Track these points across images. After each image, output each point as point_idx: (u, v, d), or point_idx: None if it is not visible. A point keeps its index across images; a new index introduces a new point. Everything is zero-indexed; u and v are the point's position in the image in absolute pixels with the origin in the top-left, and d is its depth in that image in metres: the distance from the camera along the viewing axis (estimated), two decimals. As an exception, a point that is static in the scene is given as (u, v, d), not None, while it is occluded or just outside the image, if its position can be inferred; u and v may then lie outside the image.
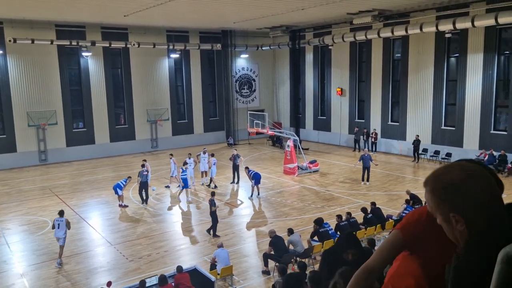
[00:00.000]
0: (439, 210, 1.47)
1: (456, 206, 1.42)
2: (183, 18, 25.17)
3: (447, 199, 1.43)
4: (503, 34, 21.52)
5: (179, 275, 9.86)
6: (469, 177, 1.42)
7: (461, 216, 1.41)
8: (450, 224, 1.45)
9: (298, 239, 12.16)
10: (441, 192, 1.44)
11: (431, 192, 1.48)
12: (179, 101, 31.62)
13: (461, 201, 1.41)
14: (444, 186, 1.44)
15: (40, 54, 25.61)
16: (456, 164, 1.49)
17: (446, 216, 1.45)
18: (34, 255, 13.09)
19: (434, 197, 1.47)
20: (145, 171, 18.06)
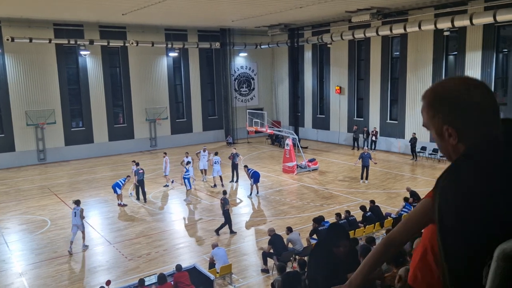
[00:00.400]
0: (432, 123, 1.42)
1: (449, 118, 1.37)
2: (181, 16, 25.13)
3: (441, 110, 1.38)
4: (501, 31, 21.53)
5: (179, 273, 9.86)
6: (467, 89, 1.36)
7: (454, 128, 1.36)
8: (443, 138, 1.40)
9: (297, 238, 12.17)
10: (437, 103, 1.40)
11: (427, 104, 1.43)
12: (178, 100, 31.59)
13: (456, 113, 1.35)
14: (440, 97, 1.39)
15: (38, 53, 25.55)
16: (457, 77, 1.43)
17: (439, 129, 1.40)
18: (33, 254, 13.08)
19: (430, 109, 1.42)
20: (140, 169, 18.16)
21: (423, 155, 24.45)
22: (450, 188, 1.29)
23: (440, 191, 1.31)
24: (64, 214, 16.75)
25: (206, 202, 17.96)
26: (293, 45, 30.81)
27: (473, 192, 1.23)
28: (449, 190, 1.29)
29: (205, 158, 21.12)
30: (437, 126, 1.40)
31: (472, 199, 1.22)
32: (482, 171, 1.25)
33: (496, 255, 1.13)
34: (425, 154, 24.34)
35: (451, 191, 1.29)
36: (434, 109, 1.40)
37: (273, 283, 9.29)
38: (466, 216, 1.22)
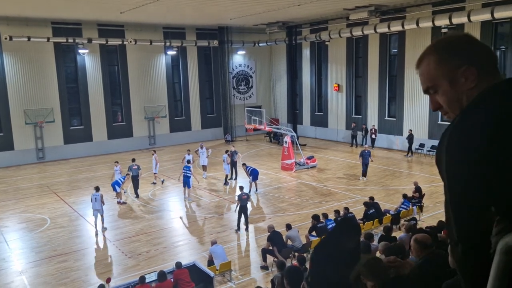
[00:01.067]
0: (445, 71, 1.31)
1: (468, 56, 1.27)
2: (179, 14, 25.12)
3: (457, 53, 1.29)
4: (499, 28, 21.57)
5: (178, 271, 9.90)
6: (471, 36, 1.34)
7: (476, 68, 1.25)
8: (456, 85, 1.29)
9: (296, 235, 12.23)
10: (450, 48, 1.30)
11: (436, 52, 1.33)
12: (176, 98, 31.60)
13: (474, 52, 1.28)
14: (451, 41, 1.31)
15: (37, 51, 25.52)
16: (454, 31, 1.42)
17: (452, 75, 1.29)
18: (33, 253, 13.12)
19: (441, 57, 1.32)
20: (134, 165, 18.43)
21: (421, 152, 24.52)
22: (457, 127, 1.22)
23: (449, 132, 1.24)
24: (64, 212, 16.79)
25: (206, 200, 18.00)
26: (291, 42, 30.82)
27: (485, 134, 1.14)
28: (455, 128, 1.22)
29: (204, 155, 21.40)
30: (450, 70, 1.29)
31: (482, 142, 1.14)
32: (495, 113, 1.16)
33: (499, 248, 1.11)
34: (423, 151, 24.41)
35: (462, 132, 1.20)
36: (451, 52, 1.30)
37: (272, 280, 9.34)
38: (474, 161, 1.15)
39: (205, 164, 21.40)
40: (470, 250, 1.22)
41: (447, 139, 1.22)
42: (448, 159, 1.21)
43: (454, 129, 1.22)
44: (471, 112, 1.21)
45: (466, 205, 1.20)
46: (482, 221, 1.19)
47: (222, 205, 17.34)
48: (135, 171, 18.38)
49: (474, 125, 1.17)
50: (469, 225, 1.22)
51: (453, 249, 1.28)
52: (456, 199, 1.23)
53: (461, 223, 1.23)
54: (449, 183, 1.22)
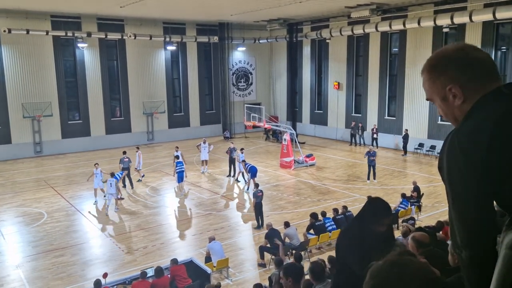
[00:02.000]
0: (435, 88, 1.40)
1: (454, 76, 1.36)
2: (179, 10, 25.00)
3: (444, 71, 1.38)
4: (500, 29, 21.53)
5: (175, 267, 9.85)
6: (467, 48, 1.39)
7: (459, 86, 1.34)
8: (447, 102, 1.38)
9: (294, 232, 12.18)
10: (440, 66, 1.39)
11: (429, 69, 1.42)
12: (176, 94, 31.49)
13: (460, 70, 1.35)
14: (443, 59, 1.39)
15: (35, 45, 25.37)
16: (455, 43, 1.45)
17: (442, 92, 1.38)
18: (29, 247, 13.04)
19: (432, 74, 1.41)
20: (125, 158, 18.89)
21: (421, 151, 24.49)
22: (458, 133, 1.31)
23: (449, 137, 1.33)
24: (61, 206, 16.71)
25: (203, 196, 17.94)
26: (292, 40, 30.71)
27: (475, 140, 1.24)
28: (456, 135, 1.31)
29: (206, 150, 21.55)
30: (440, 89, 1.39)
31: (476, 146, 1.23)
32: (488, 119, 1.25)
33: (505, 243, 1.13)
34: (423, 150, 24.38)
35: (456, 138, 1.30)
36: (437, 73, 1.40)
37: (270, 277, 9.29)
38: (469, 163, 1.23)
39: (206, 159, 21.61)
40: (476, 257, 1.26)
41: (447, 146, 1.31)
42: (447, 165, 1.30)
43: (450, 137, 1.32)
44: (463, 122, 1.32)
45: (468, 209, 1.26)
46: (486, 226, 1.24)
47: (220, 202, 17.28)
48: (126, 164, 18.75)
49: (465, 132, 1.27)
50: (475, 230, 1.26)
51: (459, 255, 1.32)
52: (458, 204, 1.29)
53: (465, 229, 1.27)
54: (451, 188, 1.30)
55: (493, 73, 1.36)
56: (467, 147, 1.25)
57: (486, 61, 1.37)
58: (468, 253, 1.27)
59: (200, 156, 21.76)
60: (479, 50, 1.39)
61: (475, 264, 1.26)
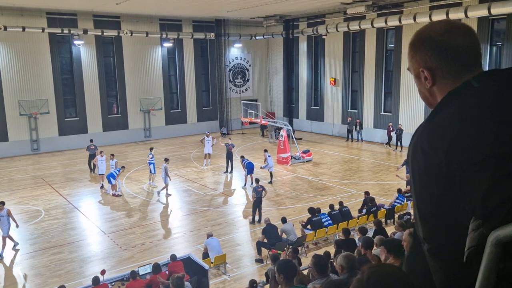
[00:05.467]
0: (412, 64, 1.39)
1: (427, 58, 1.33)
2: (176, 6, 24.96)
3: (420, 51, 1.35)
4: (495, 25, 21.60)
5: (173, 263, 9.94)
6: (448, 30, 1.32)
7: (429, 71, 1.33)
8: (420, 81, 1.38)
9: (291, 228, 12.28)
10: (417, 44, 1.36)
11: (410, 45, 1.40)
12: (172, 91, 31.48)
13: (433, 53, 1.32)
14: (421, 38, 1.36)
15: (31, 42, 25.29)
16: (443, 20, 1.41)
17: (417, 71, 1.38)
18: (27, 244, 13.09)
19: (410, 50, 1.39)
20: (92, 145, 21.03)
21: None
22: (422, 131, 1.29)
23: (417, 131, 1.32)
24: (58, 204, 16.74)
25: (200, 192, 18.00)
26: (288, 36, 30.71)
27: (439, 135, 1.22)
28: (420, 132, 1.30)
29: (210, 143, 21.95)
30: (415, 67, 1.38)
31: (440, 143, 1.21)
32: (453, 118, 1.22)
33: (489, 241, 1.13)
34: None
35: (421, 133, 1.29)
36: (414, 50, 1.38)
37: (267, 273, 9.39)
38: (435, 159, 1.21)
39: (209, 153, 22.09)
40: (432, 250, 1.28)
41: (412, 142, 1.30)
42: (410, 160, 1.30)
43: (417, 133, 1.31)
44: (430, 118, 1.29)
45: (427, 203, 1.27)
46: (442, 221, 1.24)
47: (218, 198, 17.35)
48: (92, 151, 20.60)
49: (427, 133, 1.26)
50: (432, 225, 1.27)
51: (422, 246, 1.33)
52: (416, 199, 1.30)
53: (424, 221, 1.29)
54: (412, 182, 1.30)
55: (472, 64, 1.31)
56: (427, 148, 1.24)
57: (468, 49, 1.31)
58: (426, 246, 1.30)
59: (204, 149, 22.30)
60: (467, 35, 1.32)
61: (433, 256, 1.29)
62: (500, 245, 1.12)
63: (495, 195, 1.14)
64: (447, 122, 1.23)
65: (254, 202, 14.55)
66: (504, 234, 1.14)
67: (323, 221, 12.93)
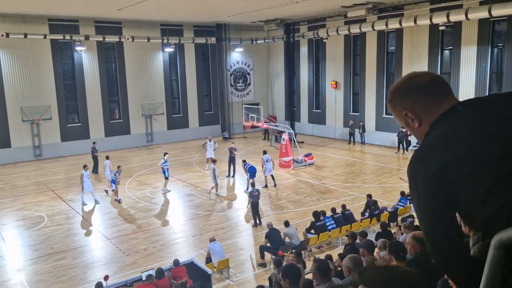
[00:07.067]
0: (396, 116, 1.58)
1: (403, 103, 1.52)
2: (177, 11, 25.06)
3: (397, 100, 1.55)
4: (496, 26, 21.60)
5: (176, 268, 9.93)
6: (412, 77, 1.56)
7: (411, 111, 1.50)
8: (409, 125, 1.55)
9: (293, 232, 12.25)
10: (392, 99, 1.58)
11: (388, 104, 1.61)
12: (174, 95, 31.55)
13: (406, 97, 1.51)
14: (392, 93, 1.58)
15: (33, 48, 25.40)
16: (407, 74, 1.61)
17: (403, 119, 1.56)
18: (30, 250, 13.10)
19: (390, 105, 1.60)
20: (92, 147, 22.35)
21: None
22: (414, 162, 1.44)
23: (409, 164, 1.48)
24: (61, 210, 16.76)
25: (203, 197, 18.00)
26: (289, 40, 30.78)
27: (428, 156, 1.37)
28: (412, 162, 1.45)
29: (212, 148, 22.08)
30: (400, 117, 1.56)
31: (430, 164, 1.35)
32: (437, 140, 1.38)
33: (493, 244, 1.16)
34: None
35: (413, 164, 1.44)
36: (393, 103, 1.57)
37: (270, 277, 9.36)
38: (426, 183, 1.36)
39: (212, 157, 21.84)
40: (440, 264, 1.39)
41: (410, 162, 1.45)
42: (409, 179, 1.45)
43: (412, 154, 1.47)
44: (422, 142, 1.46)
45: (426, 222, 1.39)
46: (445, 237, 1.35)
47: (220, 203, 17.34)
48: (93, 152, 21.83)
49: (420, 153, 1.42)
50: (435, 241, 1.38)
51: None
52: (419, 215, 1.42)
53: (427, 239, 1.41)
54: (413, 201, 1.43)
55: (442, 94, 1.48)
56: (422, 167, 1.37)
57: (431, 83, 1.50)
58: (434, 259, 1.41)
59: (206, 154, 22.33)
60: (427, 74, 1.53)
61: (443, 269, 1.40)
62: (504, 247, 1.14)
63: (494, 200, 1.17)
64: (438, 139, 1.38)
65: (252, 206, 14.53)
66: (507, 236, 1.14)
67: (327, 225, 12.90)
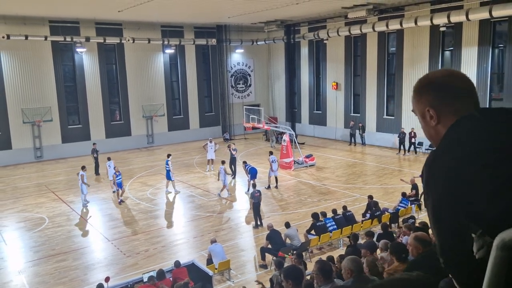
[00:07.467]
0: (418, 107, 1.55)
1: (431, 100, 1.50)
2: (177, 13, 25.06)
3: (425, 94, 1.52)
4: (497, 27, 21.59)
5: (177, 269, 9.92)
6: (449, 75, 1.52)
7: (435, 110, 1.48)
8: (425, 120, 1.53)
9: (294, 233, 12.23)
10: (422, 89, 1.54)
11: (414, 90, 1.57)
12: (175, 97, 31.56)
13: (437, 95, 1.49)
14: (425, 83, 1.55)
15: (34, 50, 25.43)
16: (443, 68, 1.64)
17: (422, 112, 1.53)
18: (31, 252, 13.09)
19: (416, 94, 1.56)
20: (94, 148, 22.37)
21: (420, 150, 24.55)
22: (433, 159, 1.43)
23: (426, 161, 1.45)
24: (62, 211, 16.76)
25: (204, 198, 17.99)
26: (290, 41, 30.79)
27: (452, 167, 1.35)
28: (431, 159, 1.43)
29: (213, 149, 22.10)
30: (421, 109, 1.54)
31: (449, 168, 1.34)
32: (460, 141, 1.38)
33: (495, 244, 1.16)
34: (422, 149, 24.43)
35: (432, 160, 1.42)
36: (420, 94, 1.54)
37: (271, 279, 9.34)
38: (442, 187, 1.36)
39: (212, 158, 22.14)
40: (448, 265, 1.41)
41: (425, 165, 1.44)
42: (424, 182, 1.45)
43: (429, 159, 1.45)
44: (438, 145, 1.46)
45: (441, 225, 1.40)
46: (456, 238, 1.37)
47: (221, 204, 17.33)
48: (95, 153, 22.15)
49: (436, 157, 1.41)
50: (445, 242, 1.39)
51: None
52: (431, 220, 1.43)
53: (438, 241, 1.41)
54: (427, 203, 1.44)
55: (470, 104, 1.47)
56: (438, 172, 1.37)
57: (466, 91, 1.49)
58: (442, 260, 1.42)
59: (207, 155, 22.32)
60: (465, 80, 1.51)
61: (450, 269, 1.42)
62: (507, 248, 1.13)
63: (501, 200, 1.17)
64: (455, 141, 1.38)
65: (253, 207, 14.54)
66: (510, 237, 1.13)
67: (327, 226, 12.88)
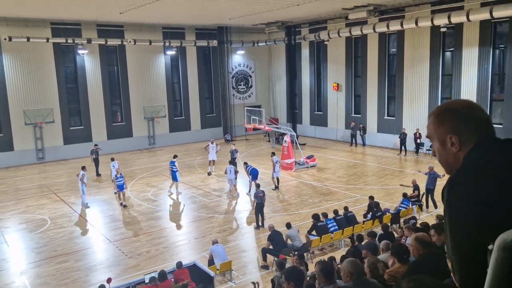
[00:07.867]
0: (437, 133, 1.59)
1: (454, 127, 1.55)
2: (178, 14, 25.13)
3: (447, 120, 1.57)
4: (498, 28, 21.59)
5: (179, 270, 9.94)
6: (469, 106, 1.58)
7: (457, 136, 1.53)
8: (445, 147, 1.57)
9: (295, 234, 12.26)
10: (442, 116, 1.59)
11: (435, 115, 1.61)
12: (176, 98, 31.62)
13: (460, 123, 1.54)
14: (448, 110, 1.60)
15: (36, 52, 25.51)
16: (461, 99, 1.65)
17: (443, 138, 1.57)
18: (33, 253, 13.14)
19: (437, 120, 1.60)
20: (95, 149, 22.55)
21: (421, 151, 24.53)
22: (455, 180, 1.46)
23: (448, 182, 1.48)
24: (64, 212, 16.80)
25: (205, 199, 18.02)
26: (290, 42, 30.83)
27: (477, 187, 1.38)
28: (453, 181, 1.46)
29: (214, 150, 22.09)
30: (441, 135, 1.58)
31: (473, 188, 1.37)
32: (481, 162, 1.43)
33: (497, 245, 1.15)
34: (423, 150, 24.42)
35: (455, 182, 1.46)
36: (441, 120, 1.59)
37: (273, 279, 9.37)
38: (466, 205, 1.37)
39: (214, 159, 22.14)
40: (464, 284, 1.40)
41: (446, 189, 1.46)
42: (445, 204, 1.46)
43: (449, 183, 1.48)
44: (457, 170, 1.49)
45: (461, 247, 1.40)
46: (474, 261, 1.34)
47: (223, 205, 17.36)
48: (97, 154, 22.29)
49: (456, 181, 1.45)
50: (462, 268, 1.39)
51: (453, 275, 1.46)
52: (451, 244, 1.43)
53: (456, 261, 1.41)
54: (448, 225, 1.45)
55: (488, 131, 1.55)
56: (461, 189, 1.41)
57: (486, 121, 1.57)
58: (457, 278, 1.42)
59: (208, 156, 22.32)
60: (484, 112, 1.60)
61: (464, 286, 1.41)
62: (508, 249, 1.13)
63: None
64: (476, 165, 1.43)
65: (256, 207, 14.58)
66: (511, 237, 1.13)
67: (329, 227, 12.90)
